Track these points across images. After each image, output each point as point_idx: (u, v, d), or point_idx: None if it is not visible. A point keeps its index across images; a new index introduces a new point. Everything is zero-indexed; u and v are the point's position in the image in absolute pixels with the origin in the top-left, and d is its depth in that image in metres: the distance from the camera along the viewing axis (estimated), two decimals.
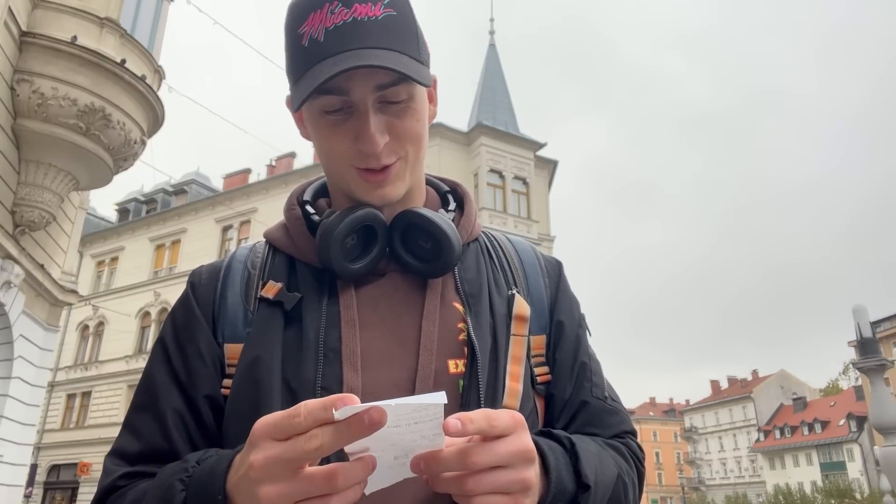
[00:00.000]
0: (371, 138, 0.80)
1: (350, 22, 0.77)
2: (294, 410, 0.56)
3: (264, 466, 0.57)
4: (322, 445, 0.55)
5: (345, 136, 0.82)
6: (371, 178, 0.83)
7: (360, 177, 0.84)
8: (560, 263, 1.01)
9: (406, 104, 0.82)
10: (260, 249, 0.93)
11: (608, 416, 0.90)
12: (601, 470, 0.76)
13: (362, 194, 0.85)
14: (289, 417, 0.57)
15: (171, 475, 0.69)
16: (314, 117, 0.84)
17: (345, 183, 0.86)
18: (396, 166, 0.84)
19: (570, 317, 0.94)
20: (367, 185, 0.84)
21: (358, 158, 0.82)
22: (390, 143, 0.82)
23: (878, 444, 8.91)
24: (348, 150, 0.82)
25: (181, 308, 0.89)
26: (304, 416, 0.56)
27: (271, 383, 0.78)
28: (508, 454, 0.63)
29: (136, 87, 8.71)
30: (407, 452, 0.60)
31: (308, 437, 0.55)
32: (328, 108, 0.81)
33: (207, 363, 0.83)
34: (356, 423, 0.54)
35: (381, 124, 0.81)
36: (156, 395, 0.82)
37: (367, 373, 0.79)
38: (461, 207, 0.98)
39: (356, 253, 0.85)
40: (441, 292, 0.87)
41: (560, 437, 0.76)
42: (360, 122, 0.80)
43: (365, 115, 0.80)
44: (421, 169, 0.92)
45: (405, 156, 0.85)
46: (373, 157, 0.81)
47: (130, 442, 0.81)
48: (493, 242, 0.99)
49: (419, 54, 0.83)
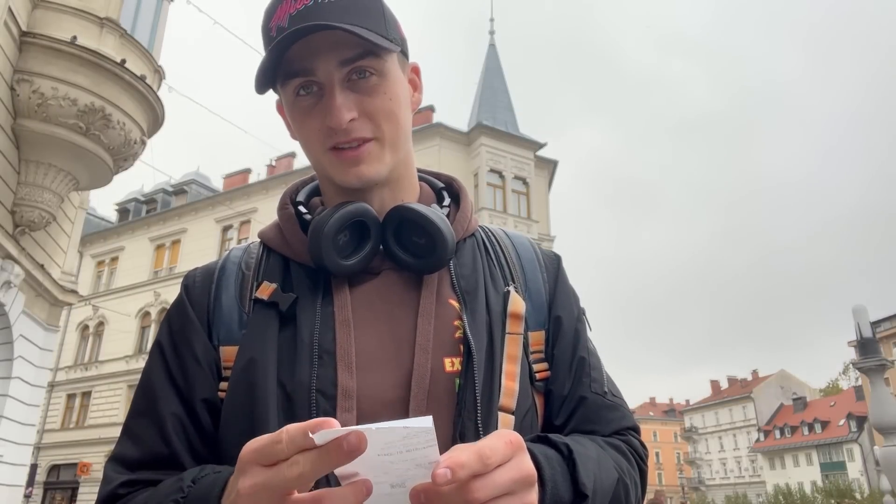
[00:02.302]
0: (336, 111, 0.80)
1: (311, 5, 0.79)
2: (277, 436, 0.55)
3: (251, 494, 0.56)
4: (303, 473, 0.53)
5: (316, 118, 0.82)
6: (345, 156, 0.83)
7: (335, 157, 0.83)
8: (559, 257, 0.99)
9: (376, 82, 0.82)
10: (254, 250, 0.92)
11: (608, 411, 0.88)
12: (600, 476, 0.75)
13: (340, 175, 0.84)
14: (272, 444, 0.55)
15: (167, 496, 0.69)
16: (290, 108, 0.85)
17: (324, 168, 0.86)
18: (371, 146, 0.83)
19: (568, 312, 0.93)
20: (343, 165, 0.83)
21: (328, 137, 0.82)
22: (360, 121, 0.82)
23: (878, 444, 8.91)
24: (320, 131, 0.83)
25: (176, 311, 0.88)
26: (285, 443, 0.54)
27: (266, 386, 0.77)
28: (510, 482, 0.60)
29: (136, 87, 8.71)
30: (403, 481, 0.58)
31: (289, 463, 0.54)
32: (300, 94, 0.82)
33: (204, 367, 0.82)
34: (335, 450, 0.52)
35: (349, 101, 0.81)
36: (154, 401, 0.82)
37: (363, 374, 0.78)
38: (457, 203, 0.97)
39: (349, 250, 0.84)
40: (437, 289, 0.86)
41: (558, 443, 0.74)
42: (327, 100, 0.81)
43: (331, 91, 0.80)
44: (406, 155, 0.90)
45: (380, 136, 0.84)
46: (341, 132, 0.81)
47: (130, 448, 0.80)
48: (491, 237, 0.98)
49: (386, 32, 0.83)
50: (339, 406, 0.75)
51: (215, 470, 0.70)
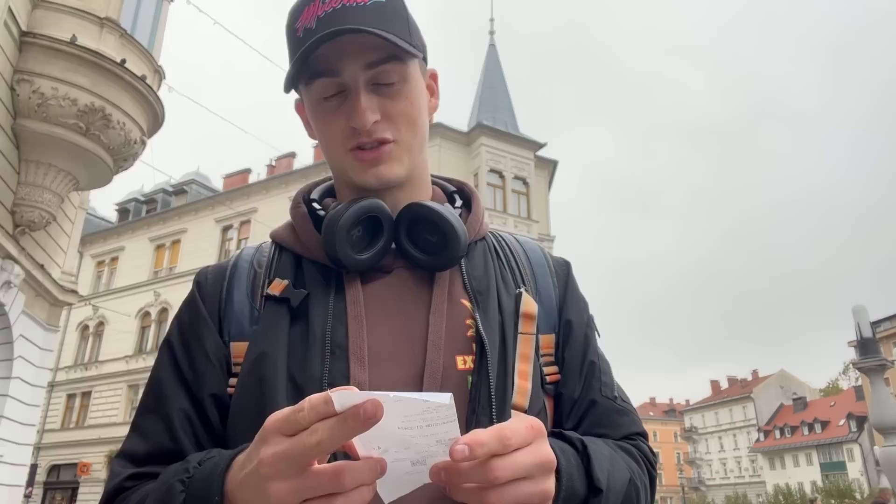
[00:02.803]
0: (361, 113, 0.81)
1: (339, 8, 0.81)
2: (299, 405, 0.56)
3: (273, 463, 0.56)
4: (321, 441, 0.54)
5: (340, 119, 0.84)
6: (365, 156, 0.84)
7: (355, 157, 0.85)
8: (568, 263, 1.01)
9: (398, 87, 0.84)
10: (266, 249, 0.93)
11: (618, 416, 0.89)
12: (613, 473, 0.76)
13: (359, 175, 0.86)
14: (294, 412, 0.56)
15: (172, 476, 0.69)
16: (313, 107, 0.87)
17: (343, 168, 0.88)
18: (391, 147, 0.85)
19: (578, 316, 0.94)
20: (362, 165, 0.85)
21: (351, 137, 0.84)
22: (382, 123, 0.83)
23: (878, 444, 8.91)
24: (343, 132, 0.84)
25: (187, 308, 0.89)
26: (307, 411, 0.55)
27: (276, 379, 0.77)
28: (531, 466, 0.61)
29: (136, 87, 8.71)
30: (424, 458, 0.59)
31: (309, 432, 0.55)
32: (325, 94, 0.84)
33: (214, 362, 0.83)
34: (353, 417, 0.52)
35: (373, 103, 0.83)
36: (163, 397, 0.82)
37: (375, 369, 0.79)
38: (468, 206, 0.98)
39: (362, 245, 0.85)
40: (449, 289, 0.86)
41: (572, 438, 0.75)
42: (352, 101, 0.83)
43: (356, 93, 0.82)
44: (422, 159, 0.92)
45: (401, 139, 0.85)
46: (364, 133, 0.83)
47: (137, 444, 0.80)
48: (501, 242, 0.99)
49: (409, 38, 0.85)
50: None
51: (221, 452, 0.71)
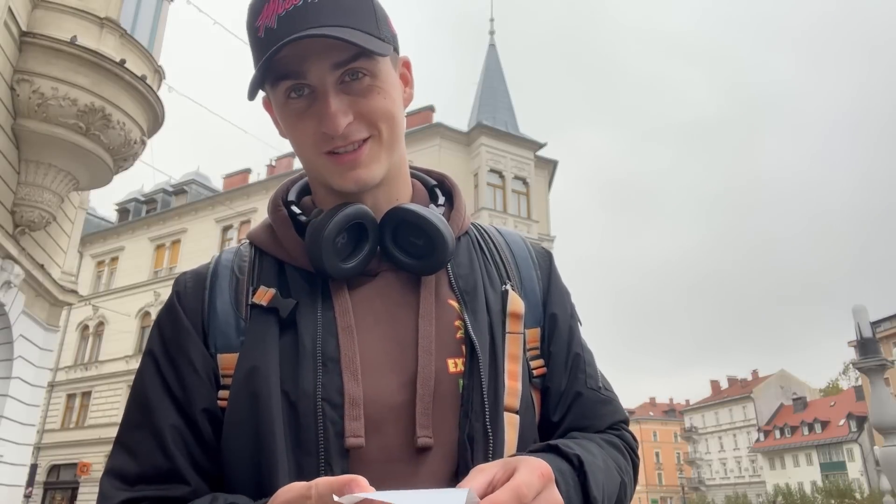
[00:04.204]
0: (332, 118, 0.78)
1: (300, 5, 0.76)
2: (308, 490, 0.56)
3: None
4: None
5: (310, 123, 0.80)
6: (342, 160, 0.81)
7: (332, 162, 0.81)
8: (550, 254, 1.00)
9: (370, 82, 0.80)
10: (245, 252, 0.89)
11: (602, 406, 0.90)
12: (607, 483, 0.76)
13: (337, 180, 0.82)
14: (301, 498, 0.57)
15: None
16: (280, 108, 0.83)
17: (318, 172, 0.84)
18: (368, 146, 0.81)
19: (562, 309, 0.94)
20: (340, 169, 0.81)
21: (324, 142, 0.80)
22: (356, 123, 0.80)
23: (878, 444, 8.91)
24: (315, 135, 0.80)
25: (168, 318, 0.84)
26: (314, 500, 0.55)
27: (270, 395, 0.75)
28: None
29: (136, 87, 8.71)
30: None
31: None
32: (291, 96, 0.80)
33: (202, 376, 0.79)
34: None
35: (344, 104, 0.79)
36: (150, 412, 0.78)
37: (368, 380, 0.77)
38: (450, 201, 0.96)
39: (347, 252, 0.83)
40: (436, 290, 0.85)
41: (569, 455, 0.74)
42: (321, 104, 0.79)
43: (324, 96, 0.78)
44: (400, 155, 0.88)
45: (377, 135, 0.82)
46: (337, 138, 0.79)
47: (128, 462, 0.77)
48: (484, 235, 0.97)
49: (378, 31, 0.80)
50: (347, 415, 0.74)
51: (227, 500, 0.70)
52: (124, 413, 0.82)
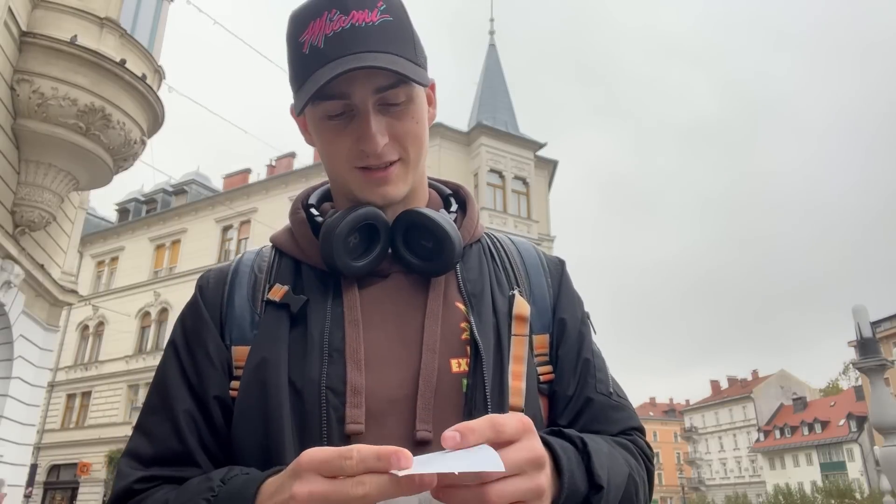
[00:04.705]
0: (372, 138, 0.82)
1: (348, 28, 0.81)
2: (347, 452, 0.57)
3: (308, 500, 0.57)
4: (368, 494, 0.55)
5: (347, 139, 0.84)
6: (372, 176, 0.86)
7: (363, 177, 0.86)
8: (562, 262, 1.02)
9: (405, 106, 0.85)
10: (266, 253, 0.95)
11: (614, 412, 0.90)
12: (613, 469, 0.77)
13: (364, 194, 0.87)
14: (340, 458, 0.57)
15: (196, 494, 0.70)
16: (317, 123, 0.87)
17: (347, 185, 0.88)
18: (397, 167, 0.86)
19: (572, 314, 0.94)
20: (369, 184, 0.86)
21: (359, 158, 0.85)
22: (390, 144, 0.84)
23: (878, 444, 8.92)
24: (350, 151, 0.85)
25: (190, 312, 0.90)
26: (356, 461, 0.56)
27: (278, 384, 0.79)
28: (521, 462, 0.61)
29: (136, 87, 8.72)
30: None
31: (356, 482, 0.55)
32: (331, 113, 0.84)
33: (216, 365, 0.84)
34: (407, 483, 0.54)
35: (382, 125, 0.83)
36: (168, 398, 0.83)
37: (371, 372, 0.80)
38: (463, 209, 0.99)
39: (359, 252, 0.86)
40: (444, 292, 0.88)
41: (572, 436, 0.76)
42: (361, 124, 0.83)
43: (366, 117, 0.83)
44: (422, 170, 0.93)
45: (406, 157, 0.87)
46: (373, 156, 0.84)
47: (144, 444, 0.82)
48: (496, 243, 1.00)
49: (416, 57, 0.86)
50: (349, 402, 0.78)
51: (243, 471, 0.72)
52: (146, 398, 0.88)
